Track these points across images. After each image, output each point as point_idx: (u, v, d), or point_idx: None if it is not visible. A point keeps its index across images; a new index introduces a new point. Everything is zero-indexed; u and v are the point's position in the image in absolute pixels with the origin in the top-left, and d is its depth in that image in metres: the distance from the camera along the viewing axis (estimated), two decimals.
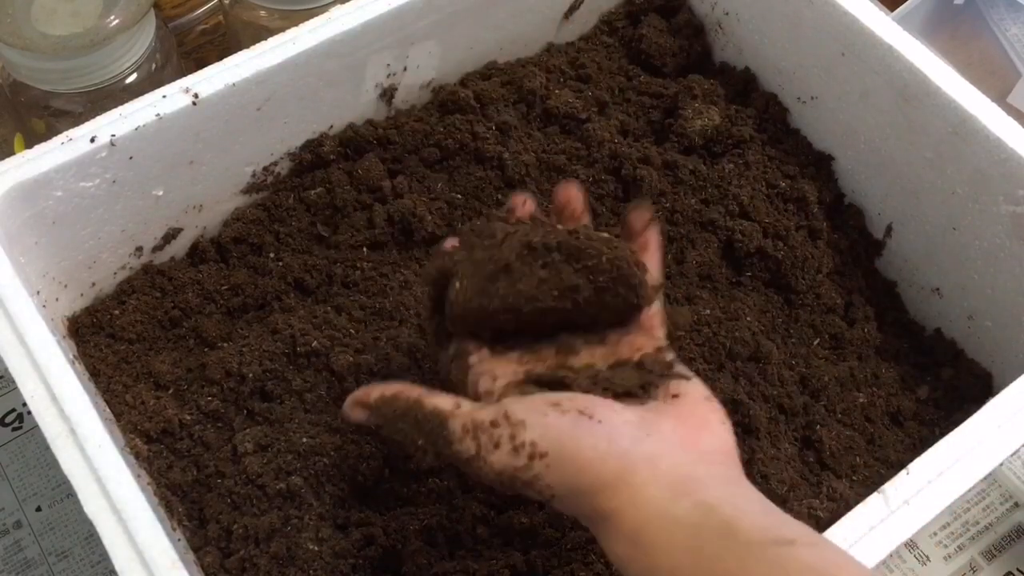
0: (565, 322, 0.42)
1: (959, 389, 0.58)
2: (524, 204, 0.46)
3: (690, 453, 0.37)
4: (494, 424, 0.36)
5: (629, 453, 0.36)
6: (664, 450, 0.36)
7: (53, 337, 0.45)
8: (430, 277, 0.44)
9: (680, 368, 0.41)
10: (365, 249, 0.58)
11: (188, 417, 0.52)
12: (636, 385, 0.40)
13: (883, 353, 0.59)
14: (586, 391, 0.39)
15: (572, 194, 0.46)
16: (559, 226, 0.44)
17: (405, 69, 0.61)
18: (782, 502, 0.50)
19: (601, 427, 0.36)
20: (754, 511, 0.36)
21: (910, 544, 0.63)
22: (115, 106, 0.52)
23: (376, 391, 0.39)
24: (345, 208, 0.59)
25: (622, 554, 0.36)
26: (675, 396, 0.39)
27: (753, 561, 0.33)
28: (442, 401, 0.38)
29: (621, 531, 0.36)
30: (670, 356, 0.42)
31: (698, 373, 0.43)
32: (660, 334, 0.43)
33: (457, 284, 0.42)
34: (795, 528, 0.35)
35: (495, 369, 0.41)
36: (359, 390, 0.39)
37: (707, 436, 0.38)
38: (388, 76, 0.61)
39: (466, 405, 0.38)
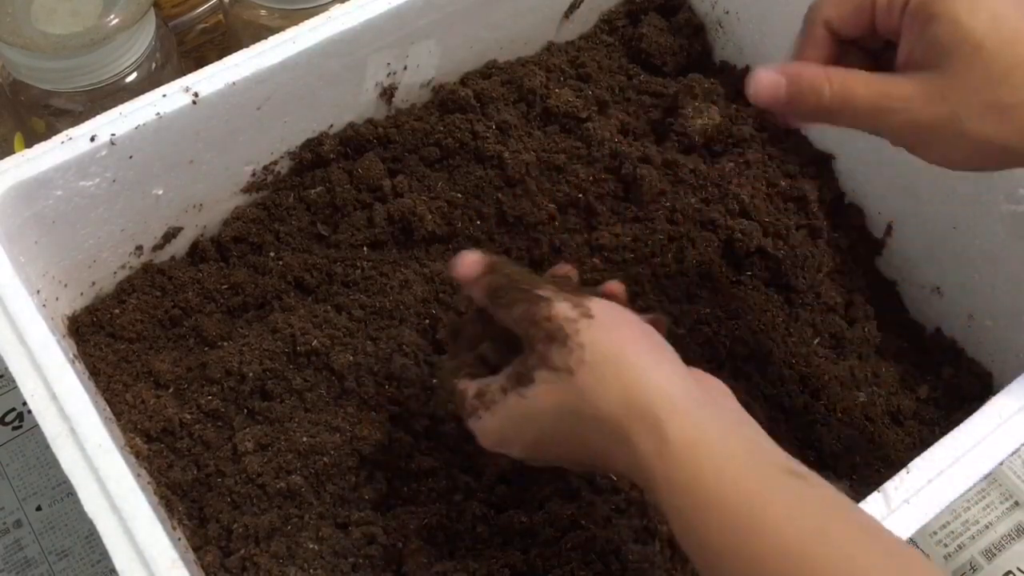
0: None
1: (959, 388, 0.58)
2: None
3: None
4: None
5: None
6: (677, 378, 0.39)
7: (53, 336, 0.45)
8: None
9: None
10: (365, 248, 0.58)
11: (188, 416, 0.52)
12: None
13: (883, 352, 0.59)
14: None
15: (615, 289, 0.46)
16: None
17: (405, 68, 0.61)
18: None
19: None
20: (772, 444, 0.38)
21: (910, 543, 0.63)
22: (115, 105, 0.52)
23: (484, 279, 0.42)
24: (345, 207, 0.59)
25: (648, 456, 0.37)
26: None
27: (772, 485, 0.35)
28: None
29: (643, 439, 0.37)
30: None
31: None
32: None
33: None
34: (803, 467, 0.37)
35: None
36: (469, 261, 0.43)
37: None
38: (388, 75, 0.61)
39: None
